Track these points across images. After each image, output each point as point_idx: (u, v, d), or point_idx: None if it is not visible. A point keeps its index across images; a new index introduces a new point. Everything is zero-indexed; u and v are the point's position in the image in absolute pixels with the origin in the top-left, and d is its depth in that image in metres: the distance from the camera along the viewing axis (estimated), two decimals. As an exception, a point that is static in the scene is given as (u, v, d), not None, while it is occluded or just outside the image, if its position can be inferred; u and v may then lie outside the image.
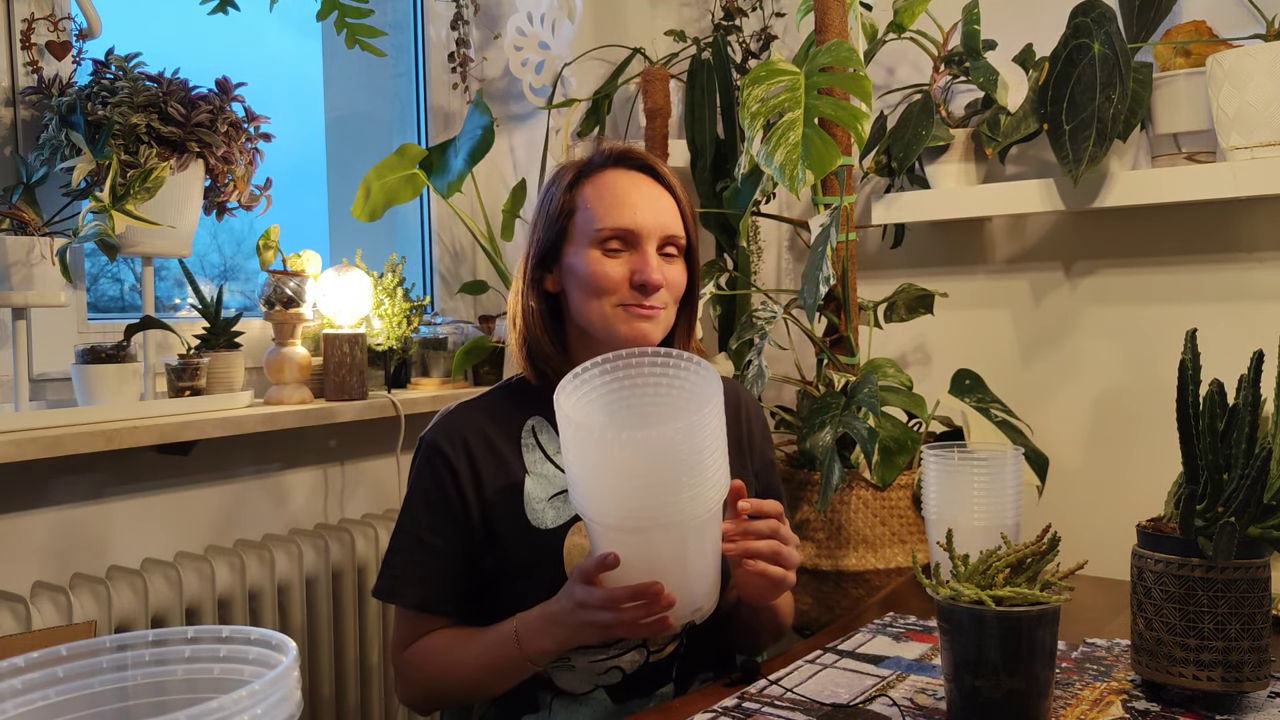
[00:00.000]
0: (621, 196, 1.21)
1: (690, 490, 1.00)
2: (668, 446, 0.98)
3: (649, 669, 1.23)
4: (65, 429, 1.43)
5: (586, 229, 1.20)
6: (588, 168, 1.25)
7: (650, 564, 1.02)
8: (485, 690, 1.20)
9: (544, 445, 1.24)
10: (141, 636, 0.65)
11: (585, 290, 1.20)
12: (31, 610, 1.39)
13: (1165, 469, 1.16)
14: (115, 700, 0.64)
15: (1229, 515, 0.99)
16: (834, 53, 1.70)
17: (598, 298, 1.19)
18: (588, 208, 1.21)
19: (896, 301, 1.96)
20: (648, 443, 0.99)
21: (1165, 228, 1.89)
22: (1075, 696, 1.07)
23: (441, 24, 2.21)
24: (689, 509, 1.00)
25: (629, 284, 1.19)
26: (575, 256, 1.21)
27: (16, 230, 1.45)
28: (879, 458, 1.77)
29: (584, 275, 1.20)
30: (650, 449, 0.98)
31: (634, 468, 0.99)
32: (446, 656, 1.19)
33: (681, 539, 1.03)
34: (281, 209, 1.80)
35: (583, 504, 1.04)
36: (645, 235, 1.20)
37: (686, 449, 0.98)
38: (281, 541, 1.73)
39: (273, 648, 0.64)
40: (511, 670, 1.15)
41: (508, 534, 1.20)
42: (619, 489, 1.00)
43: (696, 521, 1.02)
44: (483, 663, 1.16)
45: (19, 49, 1.54)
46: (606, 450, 0.99)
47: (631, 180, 1.23)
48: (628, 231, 1.20)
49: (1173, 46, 1.74)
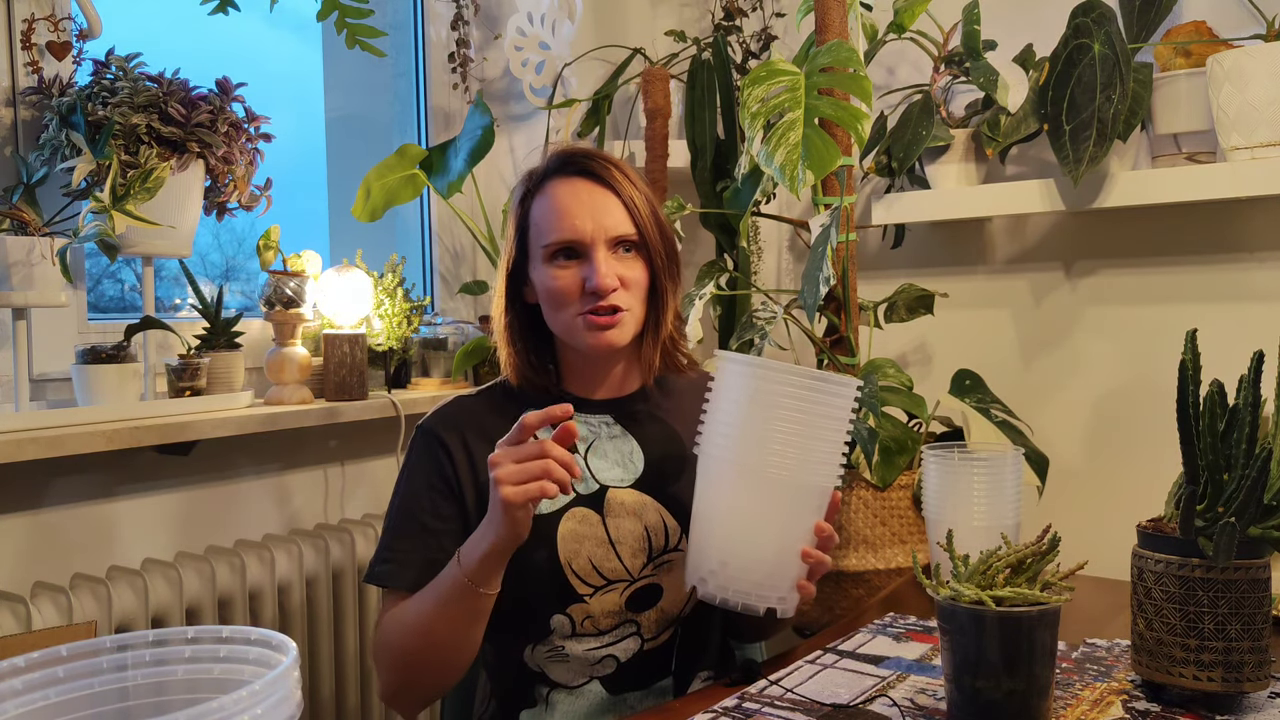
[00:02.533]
0: (561, 209, 1.21)
1: (833, 459, 1.07)
2: (827, 405, 1.05)
3: (644, 657, 1.23)
4: (65, 429, 1.43)
5: (537, 245, 1.23)
6: (534, 181, 1.26)
7: (778, 529, 1.08)
8: (442, 638, 1.13)
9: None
10: (142, 637, 0.65)
11: (548, 304, 1.23)
12: (31, 610, 1.39)
13: (1165, 469, 1.16)
14: (115, 700, 0.64)
15: (1229, 515, 0.99)
16: (834, 53, 1.70)
17: (559, 310, 1.22)
18: (536, 224, 1.23)
19: (897, 302, 1.96)
20: (817, 392, 1.05)
21: (1165, 228, 1.89)
22: (1075, 697, 1.07)
23: (441, 24, 2.21)
24: (828, 478, 1.08)
25: (582, 292, 1.20)
26: (535, 272, 1.24)
27: (17, 230, 1.45)
28: (879, 458, 1.77)
29: (543, 290, 1.22)
30: (815, 401, 1.05)
31: (798, 416, 1.05)
32: (403, 616, 1.16)
33: (805, 509, 1.09)
34: (281, 209, 1.80)
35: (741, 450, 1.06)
36: (590, 242, 1.20)
37: (839, 414, 1.06)
38: (281, 541, 1.73)
39: (273, 648, 0.64)
40: (457, 600, 1.10)
41: None
42: (773, 434, 1.05)
43: (822, 494, 1.09)
44: (430, 603, 1.13)
45: (19, 49, 1.54)
46: (777, 394, 1.05)
47: (571, 189, 1.22)
48: (571, 243, 1.20)
49: (1173, 47, 1.74)
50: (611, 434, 1.27)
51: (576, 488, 1.22)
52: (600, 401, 1.28)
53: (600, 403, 1.28)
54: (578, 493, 1.22)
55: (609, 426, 1.27)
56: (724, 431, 1.07)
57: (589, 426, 1.26)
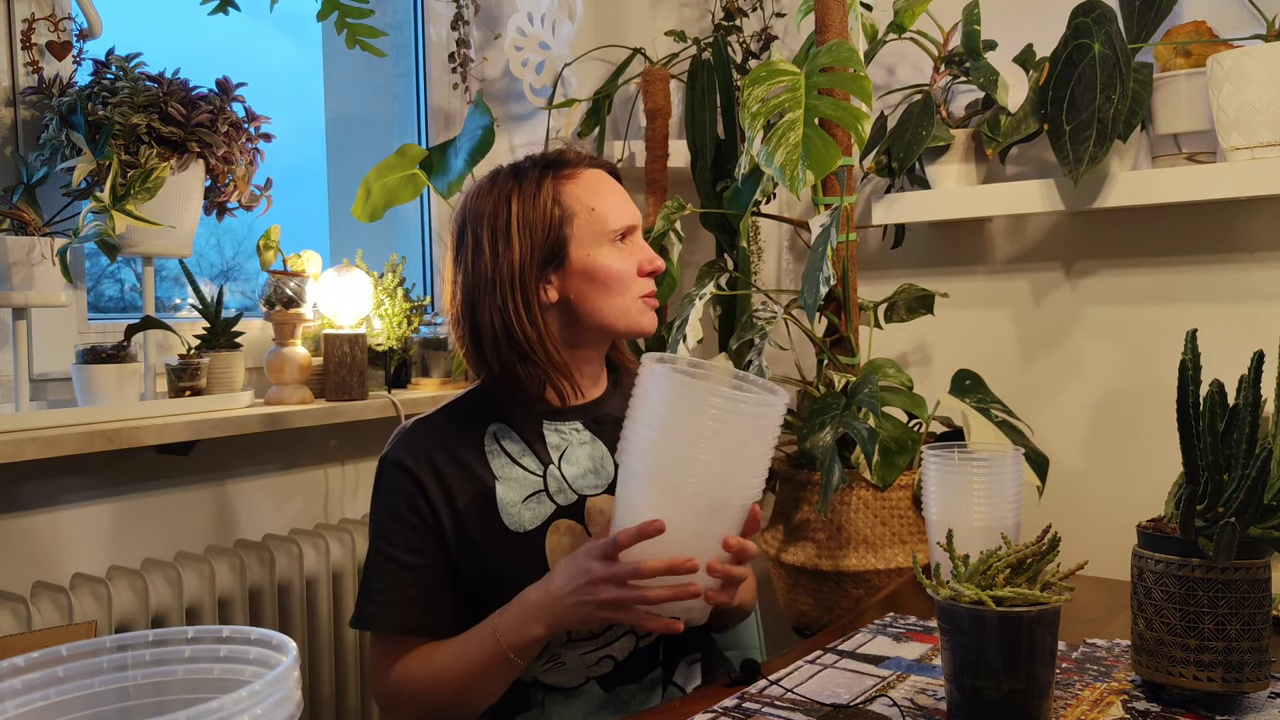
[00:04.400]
0: (619, 194, 1.25)
1: (756, 474, 1.03)
2: (755, 418, 1.01)
3: (639, 653, 1.23)
4: (65, 429, 1.43)
5: (597, 228, 1.21)
6: (559, 172, 1.23)
7: (686, 542, 1.02)
8: (475, 697, 1.16)
9: (508, 450, 1.23)
10: (142, 636, 0.65)
11: (605, 287, 1.21)
12: (31, 610, 1.39)
13: (1165, 469, 1.16)
14: (115, 700, 0.64)
15: (1229, 515, 0.99)
16: (834, 53, 1.70)
17: (620, 293, 1.22)
18: (592, 208, 1.21)
19: (897, 302, 1.96)
20: (744, 404, 1.02)
21: (1165, 228, 1.89)
22: (1075, 697, 1.07)
23: (442, 24, 2.21)
24: (748, 494, 1.04)
25: (638, 274, 1.23)
26: (592, 259, 1.20)
27: (17, 230, 1.45)
28: (879, 458, 1.77)
29: (605, 273, 1.21)
30: (742, 414, 1.01)
31: (723, 430, 1.00)
32: (429, 667, 1.16)
33: (721, 525, 1.05)
34: (281, 209, 1.80)
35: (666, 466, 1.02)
36: (638, 228, 1.26)
37: (767, 428, 1.02)
38: (281, 541, 1.73)
39: (273, 648, 0.63)
40: (494, 669, 1.12)
41: (487, 542, 1.19)
42: (697, 449, 1.00)
43: (739, 511, 1.05)
44: (463, 666, 1.14)
45: (19, 49, 1.54)
46: (701, 406, 1.00)
47: (604, 178, 1.26)
48: (631, 227, 1.24)
49: (1173, 47, 1.74)
50: (581, 440, 1.26)
51: (556, 499, 1.22)
52: (570, 409, 1.27)
53: (570, 410, 1.27)
54: (558, 504, 1.21)
55: (579, 433, 1.26)
56: (640, 444, 1.03)
57: (560, 435, 1.25)
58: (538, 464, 1.23)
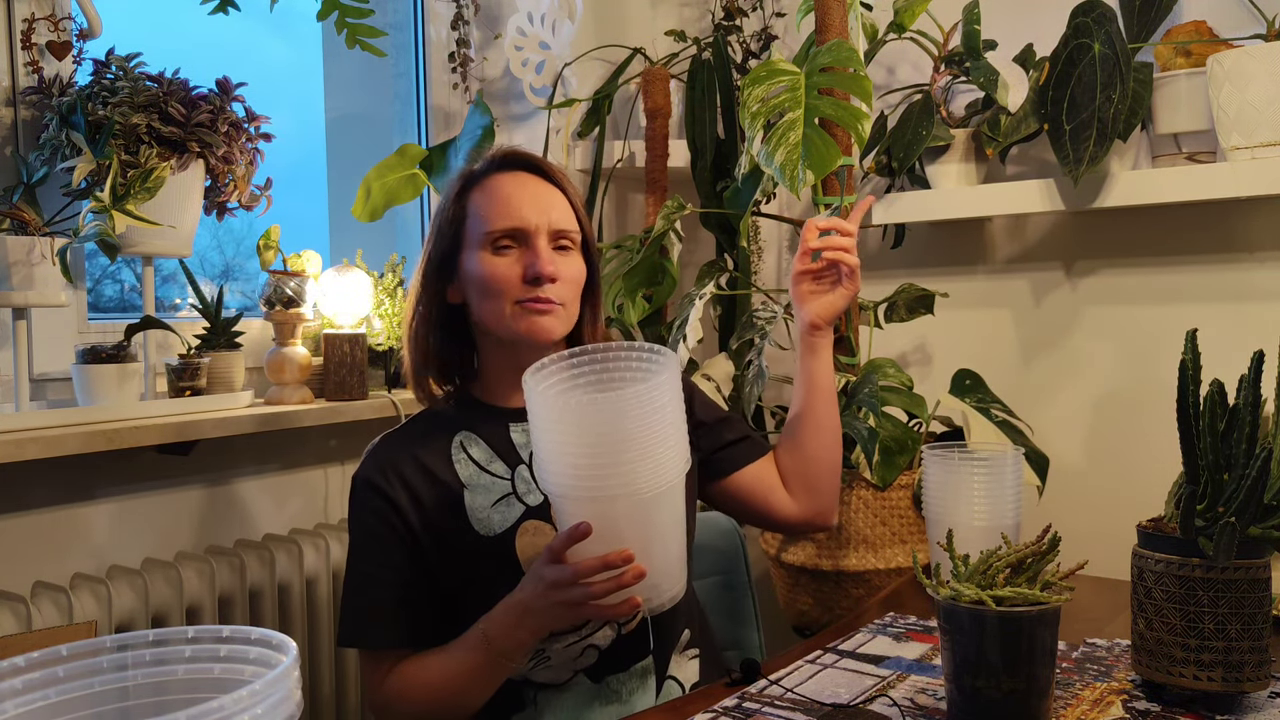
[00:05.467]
0: (507, 197, 1.22)
1: (647, 460, 1.02)
2: (620, 410, 1.01)
3: (622, 641, 1.23)
4: (65, 429, 1.43)
5: (477, 233, 1.22)
6: (474, 175, 1.26)
7: (613, 539, 1.04)
8: (470, 700, 1.17)
9: (475, 458, 1.24)
10: (142, 636, 0.65)
11: (482, 293, 1.21)
12: (31, 610, 1.39)
13: (1165, 469, 1.16)
14: (116, 700, 0.64)
15: (1229, 515, 0.99)
16: (834, 53, 1.70)
17: (494, 298, 1.20)
18: (477, 213, 1.23)
19: (897, 301, 1.96)
20: (602, 405, 1.02)
21: (1165, 228, 1.89)
22: (1075, 696, 1.07)
23: (442, 24, 2.21)
24: (646, 479, 1.03)
25: (522, 280, 1.20)
26: (470, 262, 1.22)
27: (17, 230, 1.45)
28: (879, 458, 1.77)
29: (478, 277, 1.21)
30: (604, 412, 1.01)
31: (590, 431, 1.01)
32: (423, 677, 1.17)
33: (643, 512, 1.05)
34: (281, 209, 1.80)
35: (545, 477, 1.06)
36: (534, 231, 1.21)
37: (638, 413, 1.01)
38: (281, 541, 1.73)
39: (273, 648, 0.63)
40: (488, 673, 1.14)
41: (460, 550, 1.20)
42: (577, 454, 1.02)
43: (655, 494, 1.04)
44: (457, 673, 1.15)
45: (19, 49, 1.54)
46: (565, 415, 1.02)
47: (518, 181, 1.24)
48: (516, 230, 1.21)
49: (1173, 46, 1.74)
50: None
51: (525, 500, 1.22)
52: None
53: None
54: (527, 505, 1.22)
55: None
56: (537, 459, 1.06)
57: (526, 434, 1.24)
58: (506, 468, 1.23)
